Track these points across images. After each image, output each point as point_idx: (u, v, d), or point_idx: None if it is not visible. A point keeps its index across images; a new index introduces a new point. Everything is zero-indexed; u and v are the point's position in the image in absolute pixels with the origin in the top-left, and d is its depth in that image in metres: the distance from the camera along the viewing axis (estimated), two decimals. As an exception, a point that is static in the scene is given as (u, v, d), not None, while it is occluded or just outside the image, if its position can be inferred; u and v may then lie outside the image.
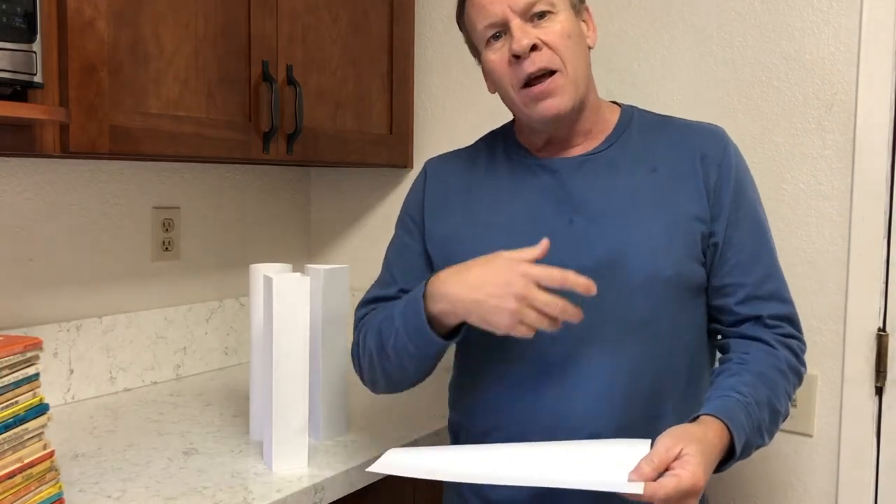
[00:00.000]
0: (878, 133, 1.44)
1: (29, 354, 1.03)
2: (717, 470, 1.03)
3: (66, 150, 1.26)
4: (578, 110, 1.19)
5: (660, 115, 1.28)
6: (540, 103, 1.15)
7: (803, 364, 1.20)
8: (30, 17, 1.14)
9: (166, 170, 1.83)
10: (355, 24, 1.82)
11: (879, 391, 1.46)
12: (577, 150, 1.22)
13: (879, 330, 1.45)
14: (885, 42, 1.43)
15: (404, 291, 1.24)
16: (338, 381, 1.44)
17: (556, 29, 1.14)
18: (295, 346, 1.26)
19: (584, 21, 1.21)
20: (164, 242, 1.83)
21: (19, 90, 1.16)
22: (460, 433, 1.26)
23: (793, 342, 1.19)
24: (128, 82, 1.35)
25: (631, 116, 1.25)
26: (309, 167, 2.19)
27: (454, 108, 1.97)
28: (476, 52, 1.24)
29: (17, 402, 1.02)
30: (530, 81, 1.14)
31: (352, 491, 1.31)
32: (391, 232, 2.13)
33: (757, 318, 1.18)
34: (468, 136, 1.95)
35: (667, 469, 0.95)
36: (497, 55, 1.16)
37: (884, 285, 1.45)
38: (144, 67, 1.38)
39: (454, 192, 1.28)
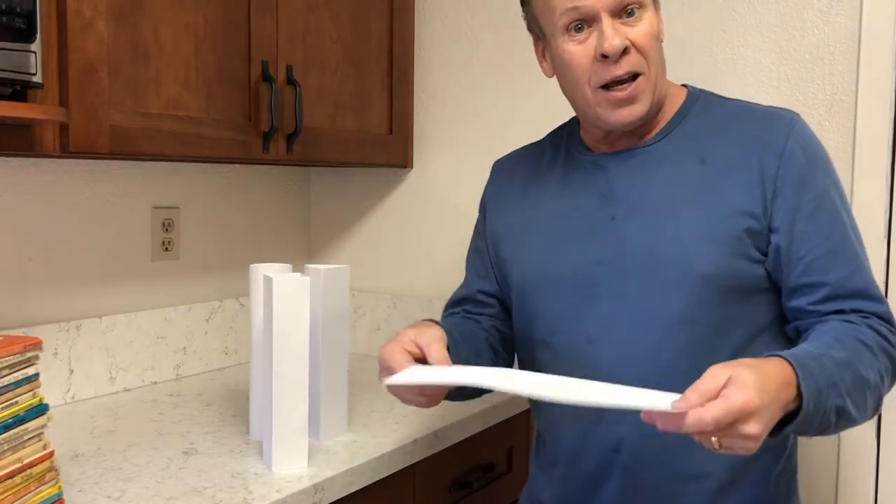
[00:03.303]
0: (878, 133, 1.44)
1: (29, 354, 1.03)
2: (780, 430, 0.91)
3: (66, 150, 1.26)
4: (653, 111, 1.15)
5: (728, 99, 1.20)
6: (618, 110, 1.11)
7: None
8: (30, 17, 1.13)
9: (166, 170, 1.83)
10: (355, 24, 1.82)
11: (879, 391, 1.46)
12: (634, 143, 1.18)
13: (879, 330, 1.45)
14: (885, 42, 1.43)
15: (481, 292, 1.31)
16: (338, 381, 1.44)
17: (644, 29, 1.09)
18: (295, 346, 1.26)
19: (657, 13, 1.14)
20: (164, 242, 1.83)
21: (19, 90, 1.16)
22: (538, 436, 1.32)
23: (881, 326, 1.07)
24: (128, 82, 1.35)
25: (694, 103, 1.18)
26: (309, 167, 2.19)
27: (454, 108, 1.97)
28: (539, 34, 1.18)
29: (16, 403, 1.01)
30: (610, 83, 1.10)
31: (352, 491, 1.31)
32: (391, 232, 2.14)
33: (839, 312, 1.07)
34: (468, 135, 1.96)
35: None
36: (579, 48, 1.10)
37: (884, 285, 1.45)
38: (144, 67, 1.38)
39: (512, 191, 1.29)
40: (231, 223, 2.00)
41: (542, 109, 1.22)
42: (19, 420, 1.01)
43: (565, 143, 1.27)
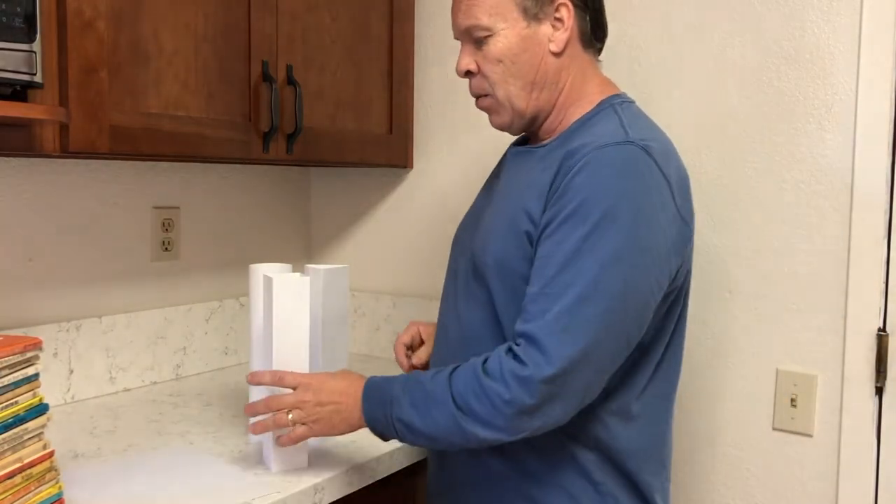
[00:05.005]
0: (878, 133, 1.44)
1: (29, 354, 1.03)
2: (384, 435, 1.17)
3: (66, 150, 1.26)
4: (532, 120, 1.24)
5: (623, 119, 1.17)
6: (488, 116, 1.27)
7: (501, 378, 1.06)
8: (30, 17, 1.13)
9: (166, 170, 1.83)
10: (355, 23, 1.82)
11: (879, 391, 1.46)
12: (538, 143, 1.27)
13: (879, 330, 1.45)
14: (885, 42, 1.43)
15: None
16: (338, 381, 1.44)
17: (487, 54, 1.20)
18: (295, 346, 1.26)
19: (552, 25, 1.19)
20: (163, 242, 1.83)
21: (19, 90, 1.16)
22: None
23: (486, 364, 1.09)
24: (128, 82, 1.35)
25: (592, 117, 1.20)
26: (309, 167, 2.19)
27: (454, 108, 1.97)
28: None
29: (16, 402, 1.02)
30: None
31: (352, 491, 1.31)
32: (391, 232, 2.14)
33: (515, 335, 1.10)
34: (468, 136, 1.96)
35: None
36: None
37: (884, 285, 1.45)
38: (144, 67, 1.38)
39: None
40: (231, 223, 2.00)
41: (542, 109, 1.25)
42: (19, 420, 1.01)
43: None
